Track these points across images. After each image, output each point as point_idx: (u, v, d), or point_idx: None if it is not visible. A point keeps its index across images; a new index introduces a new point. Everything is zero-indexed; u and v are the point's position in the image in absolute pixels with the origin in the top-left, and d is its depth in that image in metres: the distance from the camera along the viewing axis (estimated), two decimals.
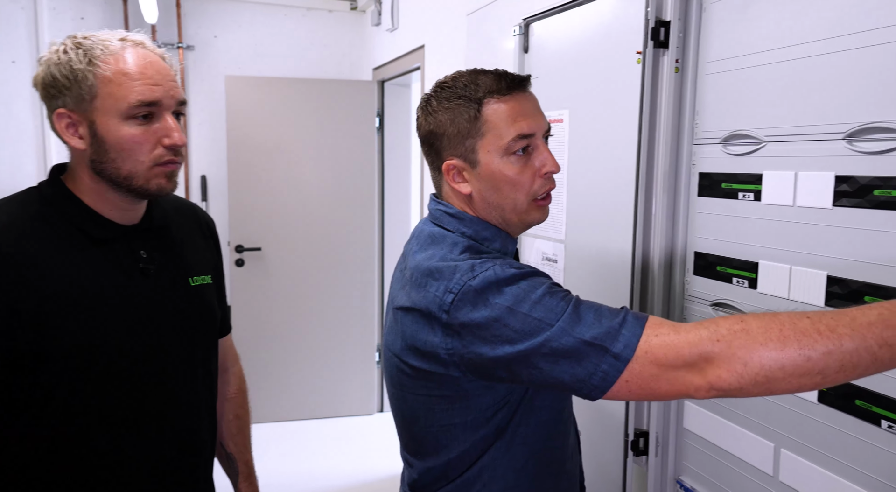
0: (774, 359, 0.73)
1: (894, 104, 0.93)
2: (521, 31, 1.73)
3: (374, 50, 4.00)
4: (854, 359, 0.71)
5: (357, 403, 4.11)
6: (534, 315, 0.86)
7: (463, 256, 0.96)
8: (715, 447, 1.28)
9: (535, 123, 0.99)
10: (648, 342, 0.81)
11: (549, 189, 1.02)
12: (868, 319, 0.72)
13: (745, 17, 1.19)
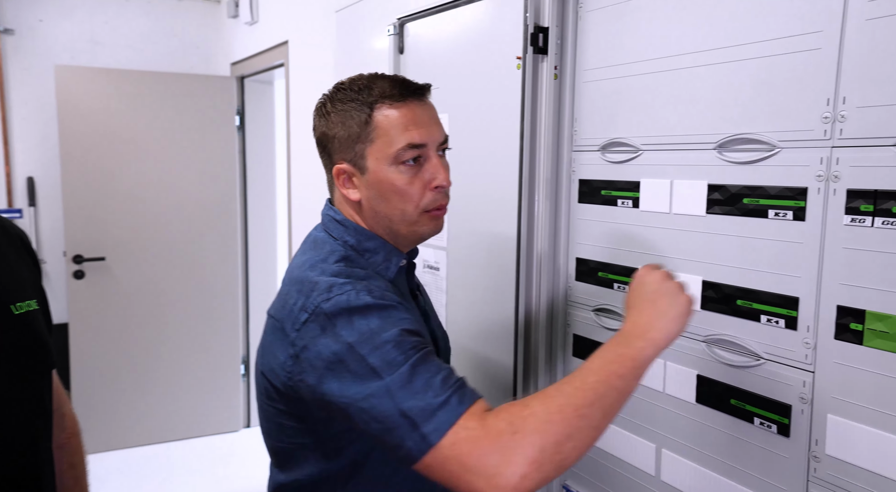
0: (559, 430, 0.76)
1: (762, 117, 0.98)
2: (396, 30, 1.67)
3: (232, 44, 3.75)
4: (609, 401, 0.79)
5: (222, 419, 3.84)
6: (369, 361, 0.83)
7: (334, 268, 0.93)
8: (599, 451, 1.30)
9: (428, 134, 0.96)
10: (457, 434, 0.78)
11: (441, 204, 0.99)
12: (601, 364, 0.81)
13: (619, 28, 1.21)
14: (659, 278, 0.90)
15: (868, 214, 0.86)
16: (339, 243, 1.00)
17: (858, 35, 0.87)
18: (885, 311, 0.85)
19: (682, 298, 0.88)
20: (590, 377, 0.80)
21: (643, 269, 0.94)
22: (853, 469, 0.89)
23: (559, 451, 0.75)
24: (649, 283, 0.90)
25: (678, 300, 0.87)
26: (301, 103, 2.89)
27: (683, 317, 0.87)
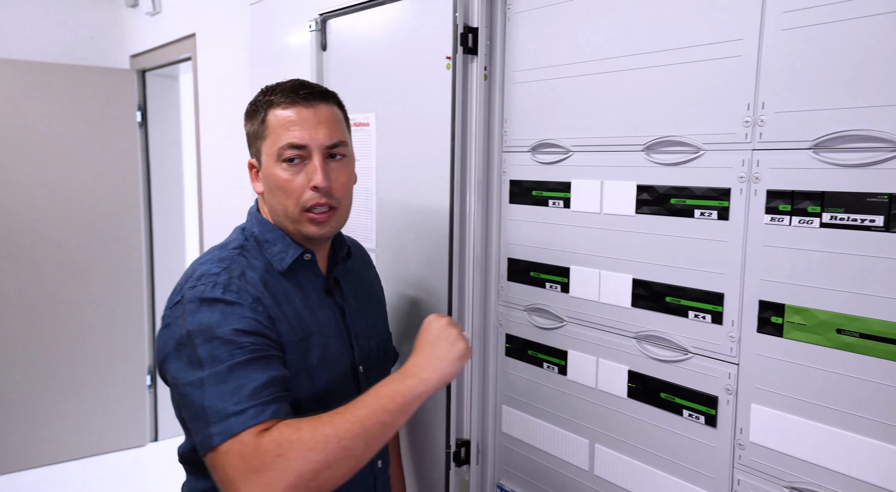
0: (320, 459, 0.84)
1: (687, 121, 1.02)
2: (318, 27, 1.61)
3: (131, 35, 3.53)
4: (374, 434, 0.89)
5: (127, 434, 3.61)
6: (198, 351, 0.91)
7: (224, 254, 1.03)
8: (533, 449, 1.32)
9: (310, 136, 1.02)
10: (233, 445, 0.85)
11: (321, 204, 1.04)
12: (374, 398, 0.90)
13: (548, 31, 1.22)
14: (442, 325, 1.00)
15: (786, 213, 0.91)
16: (247, 233, 1.09)
17: (775, 44, 0.92)
18: (803, 304, 0.90)
19: (459, 344, 0.98)
20: (360, 410, 0.89)
21: (432, 316, 1.03)
22: (775, 455, 0.94)
23: (316, 478, 0.84)
24: (433, 328, 1.01)
25: (455, 346, 0.98)
26: (211, 99, 2.75)
27: (458, 361, 0.97)
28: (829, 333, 0.88)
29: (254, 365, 0.91)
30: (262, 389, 0.89)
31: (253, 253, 1.06)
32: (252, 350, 0.92)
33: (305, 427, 0.86)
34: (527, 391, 1.32)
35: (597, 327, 1.18)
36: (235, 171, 2.56)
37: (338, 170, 1.06)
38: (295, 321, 1.03)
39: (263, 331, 0.95)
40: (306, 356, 1.04)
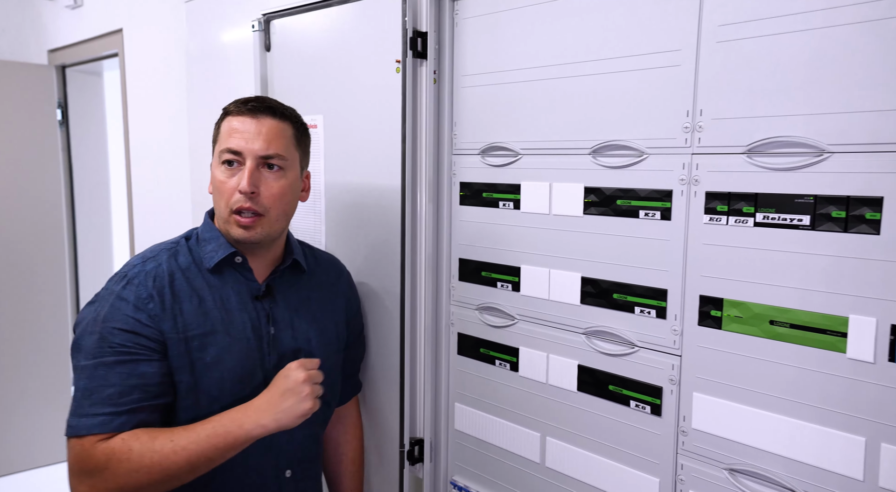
0: (142, 479, 0.98)
1: (631, 126, 1.07)
2: (262, 27, 1.59)
3: (50, 29, 3.34)
4: (198, 466, 1.01)
5: (54, 449, 3.42)
6: (84, 339, 1.04)
7: (157, 251, 1.14)
8: (486, 444, 1.35)
9: (246, 145, 1.11)
10: (78, 443, 0.99)
11: (245, 208, 1.11)
12: (209, 435, 1.01)
13: (495, 37, 1.25)
14: (298, 380, 1.07)
15: (723, 213, 0.98)
16: (193, 232, 1.19)
17: (711, 55, 0.98)
18: (739, 298, 0.97)
19: (305, 404, 1.06)
20: (191, 444, 1.00)
21: (293, 364, 1.09)
22: (715, 439, 1.01)
23: (136, 491, 0.98)
24: (290, 379, 1.07)
25: (301, 405, 1.05)
26: (141, 97, 2.65)
27: (300, 417, 1.06)
28: (763, 324, 0.95)
29: (119, 368, 1.02)
30: (118, 396, 1.01)
31: (183, 251, 1.15)
32: (121, 352, 1.03)
33: (136, 449, 0.98)
34: (479, 388, 1.35)
35: (547, 324, 1.22)
36: (169, 171, 2.48)
37: (270, 180, 1.13)
38: (193, 318, 1.10)
39: (140, 330, 1.05)
40: (199, 352, 1.09)
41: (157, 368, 1.05)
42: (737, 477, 0.98)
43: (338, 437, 1.41)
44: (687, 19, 1.00)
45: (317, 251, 1.35)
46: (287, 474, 1.20)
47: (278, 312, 1.19)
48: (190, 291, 1.11)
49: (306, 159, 1.22)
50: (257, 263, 1.18)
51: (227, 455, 1.03)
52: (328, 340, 1.27)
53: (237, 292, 1.15)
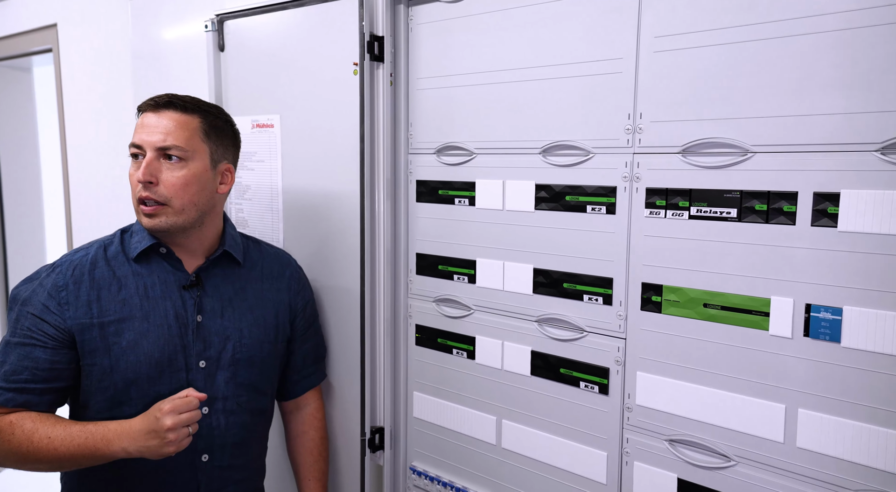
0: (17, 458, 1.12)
1: (578, 127, 1.16)
2: (215, 27, 1.60)
3: None
4: (54, 467, 1.13)
5: None
6: (9, 316, 1.19)
7: (92, 242, 1.25)
8: (443, 429, 1.42)
9: (143, 139, 1.18)
10: None
11: (144, 197, 1.17)
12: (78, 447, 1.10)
13: (448, 42, 1.32)
14: (164, 426, 1.08)
15: (662, 207, 1.08)
16: (130, 226, 1.27)
17: (649, 63, 1.08)
18: (677, 284, 1.07)
19: (167, 449, 1.09)
20: (62, 447, 1.10)
21: (168, 406, 1.10)
22: (656, 413, 1.11)
23: (14, 466, 1.12)
24: (160, 422, 1.09)
25: (163, 449, 1.09)
26: (79, 93, 2.58)
27: (157, 457, 1.10)
28: (697, 307, 1.05)
29: (19, 349, 1.14)
30: (12, 373, 1.14)
31: (116, 242, 1.24)
32: (25, 335, 1.15)
33: (17, 435, 1.11)
34: (437, 377, 1.42)
35: (502, 314, 1.30)
36: (110, 170, 2.43)
37: (169, 170, 1.18)
38: (110, 304, 1.18)
39: (45, 317, 1.15)
40: (116, 337, 1.17)
41: (49, 355, 1.15)
42: (675, 447, 1.09)
43: (297, 426, 1.45)
44: (627, 31, 1.09)
45: (263, 245, 1.40)
46: (203, 457, 1.24)
47: (207, 301, 1.25)
48: (111, 279, 1.20)
49: (222, 152, 1.25)
50: (187, 255, 1.25)
51: (93, 464, 1.12)
52: (263, 331, 1.31)
53: (163, 281, 1.22)
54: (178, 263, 1.24)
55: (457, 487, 1.39)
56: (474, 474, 1.37)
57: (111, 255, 1.22)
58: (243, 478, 1.31)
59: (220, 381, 1.24)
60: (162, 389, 1.18)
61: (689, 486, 1.07)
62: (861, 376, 0.91)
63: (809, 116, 0.93)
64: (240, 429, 1.28)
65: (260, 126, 1.55)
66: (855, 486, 0.92)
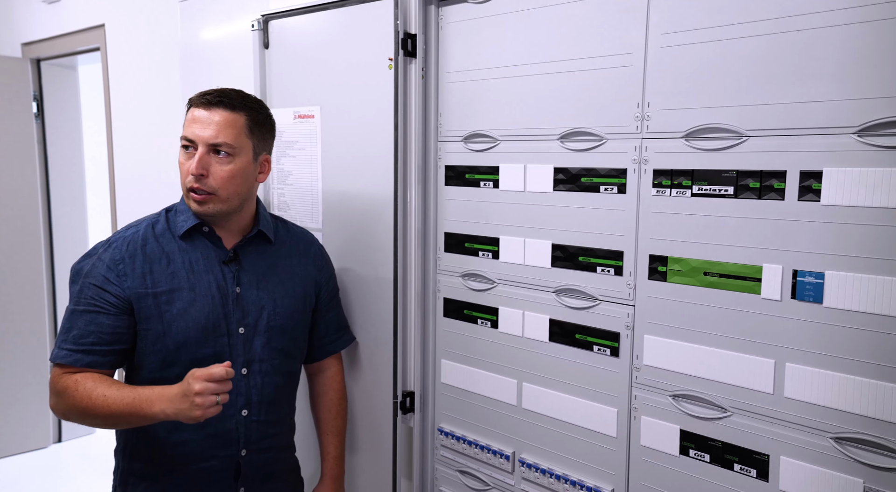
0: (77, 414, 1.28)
1: (592, 115, 1.29)
2: (261, 26, 1.75)
3: (24, 22, 3.40)
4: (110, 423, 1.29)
5: (30, 436, 3.48)
6: (72, 288, 1.33)
7: (141, 219, 1.40)
8: (469, 393, 1.55)
9: (196, 134, 1.31)
10: (52, 369, 1.32)
11: (195, 187, 1.31)
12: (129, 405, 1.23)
13: (476, 39, 1.46)
14: (192, 390, 1.18)
15: (667, 187, 1.21)
16: (172, 206, 1.42)
17: (656, 57, 1.20)
18: (680, 255, 1.20)
19: (194, 412, 1.18)
20: (114, 406, 1.23)
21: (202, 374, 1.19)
22: (662, 372, 1.24)
23: (76, 420, 1.30)
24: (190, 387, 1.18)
25: (191, 412, 1.18)
26: (126, 89, 2.76)
27: (188, 420, 1.20)
28: (698, 275, 1.18)
29: (85, 317, 1.29)
30: (80, 337, 1.28)
31: (162, 220, 1.38)
32: (89, 304, 1.29)
33: (80, 391, 1.25)
34: (462, 345, 1.56)
35: (523, 286, 1.43)
36: (155, 163, 2.60)
37: (218, 164, 1.32)
38: (162, 276, 1.33)
39: (106, 287, 1.30)
40: (167, 305, 1.33)
41: (112, 320, 1.30)
42: (678, 401, 1.21)
43: (319, 387, 1.62)
44: (637, 29, 1.22)
45: (290, 225, 1.56)
46: (244, 413, 1.39)
47: (244, 275, 1.41)
48: (160, 254, 1.34)
49: (263, 144, 1.39)
50: (226, 233, 1.40)
51: (140, 423, 1.26)
52: (293, 302, 1.47)
53: (205, 257, 1.37)
54: (218, 240, 1.39)
55: (481, 444, 1.53)
56: (497, 433, 1.51)
57: (159, 232, 1.37)
58: (277, 432, 1.47)
59: (257, 345, 1.40)
60: (207, 351, 1.34)
61: (690, 435, 1.20)
62: (841, 333, 1.03)
63: (797, 104, 1.05)
64: (273, 389, 1.43)
65: (301, 117, 1.70)
66: (836, 430, 1.04)
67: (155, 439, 1.36)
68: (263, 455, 1.43)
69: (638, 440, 1.27)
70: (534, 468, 1.43)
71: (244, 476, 1.40)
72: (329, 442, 1.59)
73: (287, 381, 1.48)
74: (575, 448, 1.37)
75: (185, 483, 1.36)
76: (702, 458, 1.18)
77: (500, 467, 1.50)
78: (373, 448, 1.67)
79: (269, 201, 1.85)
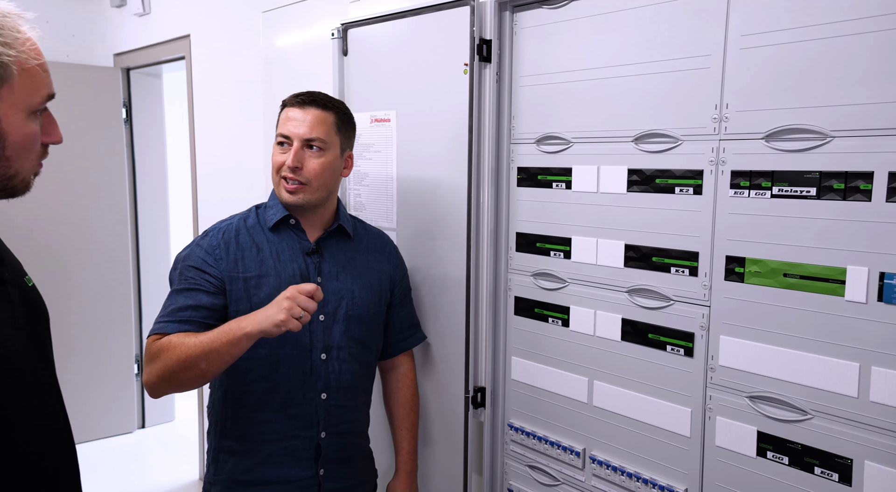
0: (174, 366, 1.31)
1: (668, 117, 1.30)
2: (340, 35, 1.83)
3: (116, 34, 3.63)
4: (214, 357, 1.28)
5: (115, 421, 3.71)
6: (172, 273, 1.45)
7: (235, 214, 1.53)
8: (539, 390, 1.58)
9: (292, 131, 1.43)
10: (150, 340, 1.38)
11: (288, 177, 1.43)
12: (219, 333, 1.29)
13: (550, 44, 1.49)
14: (283, 295, 1.27)
15: (746, 187, 1.20)
16: (262, 203, 1.54)
17: (736, 59, 1.20)
18: (758, 256, 1.19)
19: (280, 315, 1.25)
20: (206, 339, 1.29)
21: (293, 287, 1.29)
22: (738, 373, 1.23)
23: (173, 379, 1.32)
24: (280, 293, 1.29)
25: (277, 315, 1.25)
26: (207, 97, 2.91)
27: (274, 326, 1.25)
28: (777, 277, 1.17)
29: (184, 294, 1.40)
30: (178, 310, 1.38)
31: (252, 215, 1.51)
32: (190, 283, 1.40)
33: (174, 342, 1.32)
34: (533, 343, 1.59)
35: (595, 286, 1.45)
36: (237, 167, 2.73)
37: (311, 157, 1.44)
38: (252, 263, 1.44)
39: (205, 268, 1.41)
40: (256, 290, 1.43)
41: (209, 298, 1.40)
42: (756, 402, 1.21)
43: (392, 384, 1.68)
44: (715, 30, 1.22)
45: (367, 225, 1.65)
46: (323, 396, 1.47)
47: (325, 266, 1.50)
48: (251, 243, 1.46)
49: (348, 142, 1.52)
50: (309, 227, 1.50)
51: (232, 350, 1.28)
52: (370, 294, 1.55)
53: (290, 248, 1.48)
54: (302, 233, 1.49)
55: (551, 440, 1.55)
56: (567, 430, 1.53)
57: (250, 225, 1.49)
58: (353, 418, 1.54)
59: (336, 333, 1.48)
60: (289, 334, 1.39)
61: (768, 437, 1.19)
62: None
63: (886, 104, 1.03)
64: (350, 376, 1.51)
65: (378, 121, 1.77)
66: None
67: (243, 418, 1.45)
68: (341, 439, 1.51)
69: (713, 441, 1.27)
70: (605, 465, 1.44)
71: (323, 457, 1.49)
72: (403, 437, 1.65)
73: (364, 370, 1.56)
74: (647, 447, 1.38)
75: (272, 459, 1.46)
76: (780, 460, 1.18)
77: (570, 464, 1.52)
78: (445, 443, 1.72)
79: (346, 201, 1.93)
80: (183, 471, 3.39)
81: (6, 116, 0.87)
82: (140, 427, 3.84)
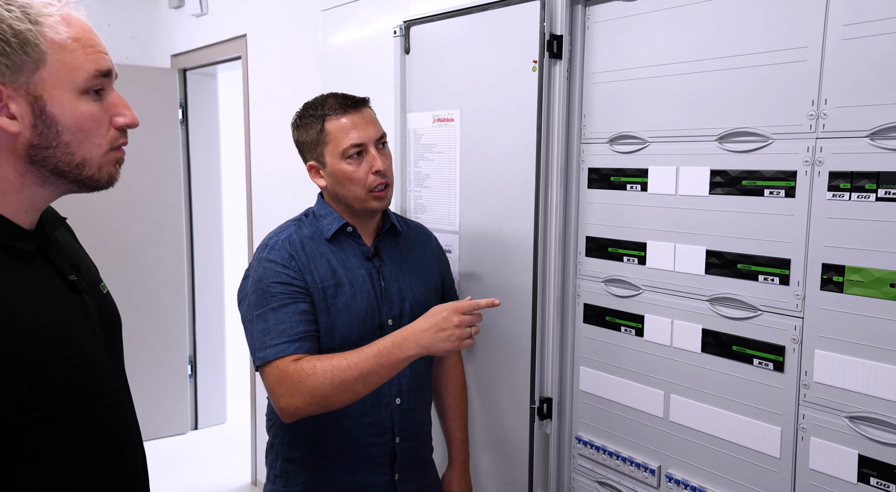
0: (327, 389, 1.25)
1: (757, 114, 1.21)
2: (402, 32, 1.79)
3: (174, 35, 3.68)
4: (371, 381, 1.26)
5: (169, 422, 3.77)
6: (252, 297, 1.35)
7: (285, 226, 1.44)
8: (608, 402, 1.51)
9: (365, 135, 1.38)
10: (271, 368, 1.29)
11: (380, 183, 1.39)
12: (376, 354, 1.26)
13: (624, 38, 1.41)
14: (443, 317, 1.27)
15: (846, 190, 1.11)
16: (310, 211, 1.48)
17: (836, 51, 1.11)
18: (861, 265, 1.10)
19: (446, 344, 1.26)
20: (362, 362, 1.25)
21: (452, 306, 1.28)
22: (836, 391, 1.14)
23: (323, 401, 1.25)
24: (438, 314, 1.27)
25: (444, 343, 1.26)
26: (263, 97, 2.92)
27: (439, 351, 1.27)
28: (883, 287, 1.08)
29: (284, 310, 1.31)
30: (290, 329, 1.29)
31: (305, 224, 1.44)
32: (283, 298, 1.32)
33: (319, 366, 1.25)
34: (603, 352, 1.51)
35: (672, 293, 1.37)
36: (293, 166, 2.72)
37: (386, 155, 1.42)
38: (326, 273, 1.38)
39: (292, 281, 1.34)
40: (333, 300, 1.38)
41: (310, 307, 1.35)
42: (857, 423, 1.11)
43: (442, 377, 1.66)
44: (813, 20, 1.13)
45: (407, 219, 1.63)
46: (397, 401, 1.46)
47: (386, 269, 1.48)
48: (317, 253, 1.40)
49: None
50: (364, 232, 1.47)
51: (390, 373, 1.27)
52: (427, 289, 1.54)
53: (353, 255, 1.44)
54: (359, 239, 1.47)
55: (623, 456, 1.48)
56: (640, 445, 1.46)
57: (307, 234, 1.42)
58: (422, 419, 1.53)
59: None
60: (362, 344, 1.34)
61: (871, 462, 1.10)
62: None
63: None
64: (417, 376, 1.49)
65: (440, 120, 1.72)
66: None
67: (321, 428, 1.41)
68: (413, 442, 1.50)
69: (806, 463, 1.18)
70: (682, 485, 1.36)
71: (399, 462, 1.47)
72: (455, 427, 1.64)
73: (427, 368, 1.55)
74: (730, 466, 1.29)
75: (350, 469, 1.43)
76: (885, 488, 1.08)
77: (643, 481, 1.44)
78: (508, 455, 1.67)
79: (405, 204, 1.89)
80: (235, 473, 3.41)
81: (53, 99, 0.81)
82: (193, 429, 3.89)
